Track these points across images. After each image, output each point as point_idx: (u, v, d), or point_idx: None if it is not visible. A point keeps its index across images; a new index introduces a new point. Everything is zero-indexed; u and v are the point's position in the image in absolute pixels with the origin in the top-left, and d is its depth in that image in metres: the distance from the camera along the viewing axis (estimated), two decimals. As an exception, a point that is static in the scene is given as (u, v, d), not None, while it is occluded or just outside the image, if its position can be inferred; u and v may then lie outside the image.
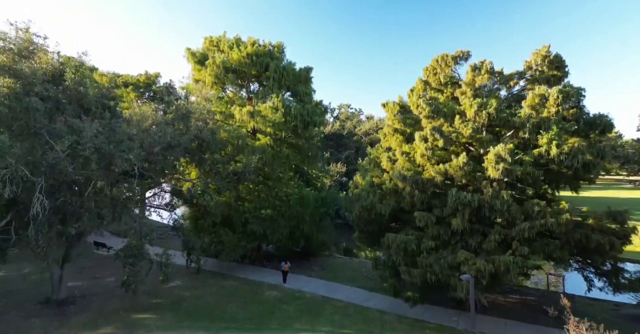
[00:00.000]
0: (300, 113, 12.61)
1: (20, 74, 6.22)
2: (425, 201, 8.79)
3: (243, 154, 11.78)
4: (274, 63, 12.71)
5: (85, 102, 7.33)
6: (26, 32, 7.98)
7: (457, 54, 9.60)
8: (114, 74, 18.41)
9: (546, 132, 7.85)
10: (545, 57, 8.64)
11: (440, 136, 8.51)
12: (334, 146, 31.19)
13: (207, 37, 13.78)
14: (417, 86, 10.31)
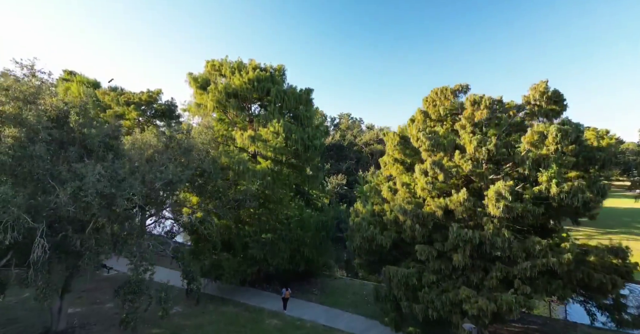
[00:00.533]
0: (301, 137, 12.70)
1: (25, 123, 6.30)
2: (426, 235, 8.78)
3: (244, 179, 11.82)
4: (275, 88, 12.85)
5: (89, 144, 7.39)
6: (31, 70, 8.11)
7: (456, 87, 9.69)
8: (116, 92, 18.59)
9: (546, 169, 7.89)
10: (543, 93, 8.72)
11: (441, 171, 8.54)
12: (335, 156, 31.25)
13: (209, 60, 13.96)
14: (416, 117, 10.38)
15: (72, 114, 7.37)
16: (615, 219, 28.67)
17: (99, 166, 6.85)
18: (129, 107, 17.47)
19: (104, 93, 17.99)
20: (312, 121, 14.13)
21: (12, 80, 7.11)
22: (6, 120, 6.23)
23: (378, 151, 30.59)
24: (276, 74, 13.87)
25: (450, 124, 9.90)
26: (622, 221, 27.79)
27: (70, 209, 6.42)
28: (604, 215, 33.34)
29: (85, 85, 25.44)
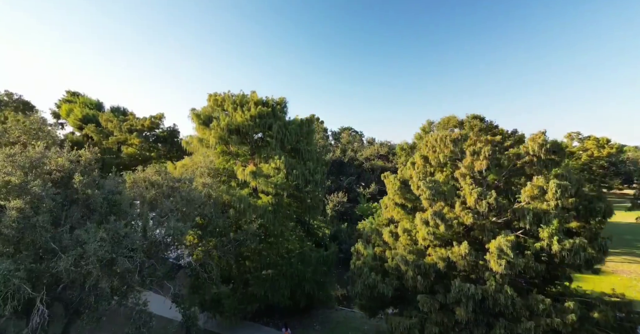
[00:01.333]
0: (302, 172, 12.77)
1: (29, 192, 6.36)
2: (428, 286, 8.74)
3: (245, 217, 11.84)
4: (277, 124, 12.97)
5: (92, 203, 7.45)
6: (37, 121, 8.21)
7: (455, 136, 9.78)
8: (119, 118, 18.75)
9: (547, 225, 7.91)
10: (542, 145, 8.79)
11: (442, 221, 8.56)
12: (336, 172, 31.27)
13: (212, 94, 14.13)
14: (417, 162, 10.44)
15: (76, 175, 7.44)
16: (616, 236, 28.50)
17: (101, 231, 6.88)
18: (131, 134, 17.60)
19: (107, 120, 18.15)
20: (312, 154, 14.21)
21: (17, 146, 7.17)
22: (12, 190, 6.29)
23: (379, 167, 30.64)
24: (277, 108, 14.01)
25: (451, 171, 9.95)
26: (623, 239, 27.63)
27: (70, 276, 6.44)
28: (605, 231, 33.04)
29: (88, 106, 25.78)
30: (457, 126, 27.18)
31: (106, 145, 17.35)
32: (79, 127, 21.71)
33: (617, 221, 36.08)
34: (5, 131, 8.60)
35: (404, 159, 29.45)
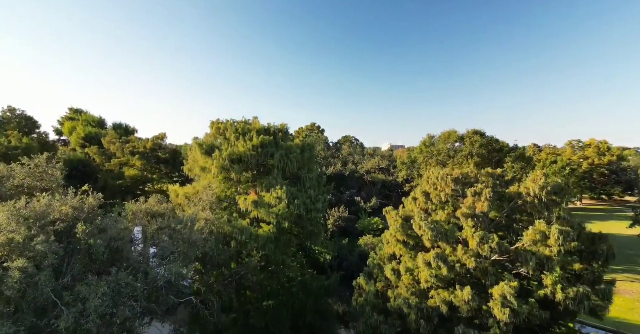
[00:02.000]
0: (303, 202, 12.80)
1: (33, 250, 6.39)
2: (432, 330, 8.72)
3: (246, 248, 11.85)
4: (279, 153, 13.05)
5: (94, 252, 7.47)
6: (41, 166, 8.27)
7: (457, 175, 9.83)
8: (122, 139, 18.84)
9: (550, 272, 7.92)
10: (542, 188, 8.82)
11: (444, 264, 8.57)
12: (336, 186, 31.28)
13: (214, 122, 14.24)
14: (418, 197, 10.48)
15: (80, 224, 7.47)
16: (617, 251, 28.37)
17: (102, 284, 6.88)
18: (133, 156, 17.69)
19: (109, 141, 18.25)
20: (313, 181, 14.26)
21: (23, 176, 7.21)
22: (15, 249, 6.32)
23: (380, 180, 30.65)
24: (279, 136, 14.11)
25: (452, 209, 9.98)
26: (625, 254, 27.45)
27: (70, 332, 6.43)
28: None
29: (90, 124, 25.95)
30: (457, 141, 27.28)
31: (108, 167, 17.43)
32: (81, 145, 21.83)
33: (618, 233, 35.84)
34: (11, 174, 8.65)
35: (404, 173, 29.50)
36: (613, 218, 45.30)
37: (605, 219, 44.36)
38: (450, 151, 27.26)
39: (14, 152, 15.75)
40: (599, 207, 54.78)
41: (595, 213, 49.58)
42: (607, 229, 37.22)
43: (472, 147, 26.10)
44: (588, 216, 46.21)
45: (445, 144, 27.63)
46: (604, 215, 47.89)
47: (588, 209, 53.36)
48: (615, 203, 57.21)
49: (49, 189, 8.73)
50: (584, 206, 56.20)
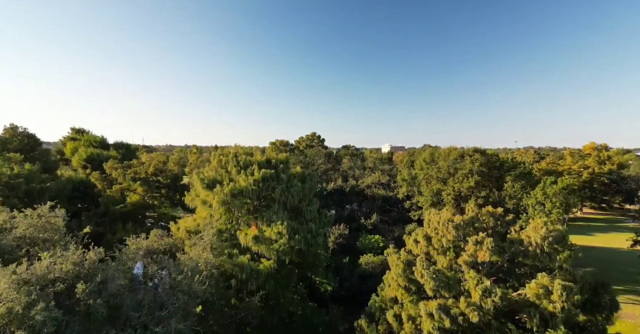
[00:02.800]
0: (304, 237, 12.80)
1: (32, 319, 6.36)
2: (434, 383, 8.66)
3: (247, 286, 11.81)
4: (280, 187, 13.07)
5: (93, 313, 7.43)
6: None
7: (458, 221, 9.84)
8: (124, 164, 18.87)
9: (554, 330, 7.89)
10: (544, 238, 8.83)
11: (447, 316, 8.54)
12: (337, 201, 31.27)
13: (216, 154, 14.28)
14: (420, 241, 10.47)
15: (80, 284, 7.45)
16: (617, 268, 28.25)
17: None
18: (135, 183, 17.71)
19: (111, 167, 18.29)
20: (314, 214, 14.27)
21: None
22: (14, 319, 6.29)
23: (380, 196, 30.63)
24: (281, 167, 14.15)
25: (454, 255, 9.97)
26: (625, 273, 27.31)
27: None
28: (606, 263, 32.49)
29: (92, 144, 26.00)
30: (457, 159, 27.33)
31: (110, 193, 17.45)
32: (83, 166, 21.88)
33: (619, 248, 35.58)
34: (13, 226, 8.65)
35: (405, 190, 29.49)
36: (614, 229, 45.16)
37: (606, 231, 44.23)
38: (450, 169, 27.28)
39: (16, 180, 15.78)
40: (600, 217, 54.70)
41: (596, 224, 49.48)
42: (608, 243, 37.28)
43: (472, 165, 26.13)
44: (589, 227, 46.12)
45: (446, 162, 27.66)
46: (604, 226, 47.78)
47: (589, 219, 53.27)
48: (616, 212, 57.12)
49: (51, 240, 8.70)
50: (585, 215, 56.11)
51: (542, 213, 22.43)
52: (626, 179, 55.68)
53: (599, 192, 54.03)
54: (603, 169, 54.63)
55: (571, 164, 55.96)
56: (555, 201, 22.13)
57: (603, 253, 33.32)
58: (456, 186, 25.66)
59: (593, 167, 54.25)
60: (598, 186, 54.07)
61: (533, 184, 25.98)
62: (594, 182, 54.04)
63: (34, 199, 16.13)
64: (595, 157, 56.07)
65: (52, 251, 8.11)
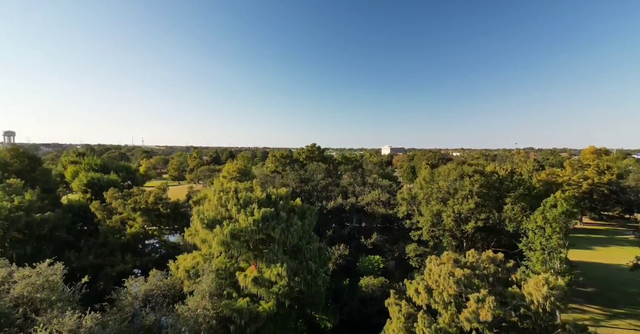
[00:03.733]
0: (304, 278, 12.76)
1: None
2: None
3: (245, 332, 11.74)
4: (280, 227, 13.05)
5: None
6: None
7: (459, 276, 9.82)
8: (124, 193, 18.84)
9: None
10: (546, 297, 8.80)
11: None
12: (337, 219, 31.23)
13: (216, 191, 14.28)
14: (421, 293, 10.43)
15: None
16: (618, 289, 28.13)
17: None
18: (135, 213, 17.68)
19: (111, 196, 18.27)
20: (314, 253, 14.25)
21: None
22: None
23: (380, 214, 30.60)
24: (280, 205, 14.14)
25: (455, 310, 9.92)
26: (627, 293, 27.18)
27: None
28: (608, 283, 32.22)
29: (92, 168, 25.97)
30: (457, 179, 27.34)
31: (110, 223, 17.42)
32: (83, 191, 21.88)
33: (619, 265, 35.17)
34: (11, 286, 8.60)
35: (405, 209, 29.47)
36: (614, 242, 45.07)
37: (607, 244, 44.14)
38: (450, 188, 27.30)
39: (16, 214, 15.75)
40: (600, 228, 54.65)
41: (597, 236, 49.42)
42: (609, 259, 37.07)
43: (472, 186, 26.15)
44: (589, 240, 46.01)
45: (446, 182, 27.69)
46: (605, 238, 47.72)
47: (589, 230, 53.22)
48: (616, 222, 57.07)
49: (48, 300, 8.63)
50: (585, 226, 56.09)
51: (542, 238, 22.38)
52: (626, 190, 55.69)
53: (598, 203, 54.03)
54: (602, 180, 54.70)
55: (571, 174, 56.02)
56: (555, 226, 22.10)
57: (604, 271, 33.19)
58: (456, 208, 25.66)
59: (592, 177, 54.33)
60: (598, 196, 54.09)
61: (533, 205, 26.02)
62: (594, 193, 54.08)
63: (33, 231, 16.07)
64: (595, 168, 56.19)
65: (50, 314, 8.06)
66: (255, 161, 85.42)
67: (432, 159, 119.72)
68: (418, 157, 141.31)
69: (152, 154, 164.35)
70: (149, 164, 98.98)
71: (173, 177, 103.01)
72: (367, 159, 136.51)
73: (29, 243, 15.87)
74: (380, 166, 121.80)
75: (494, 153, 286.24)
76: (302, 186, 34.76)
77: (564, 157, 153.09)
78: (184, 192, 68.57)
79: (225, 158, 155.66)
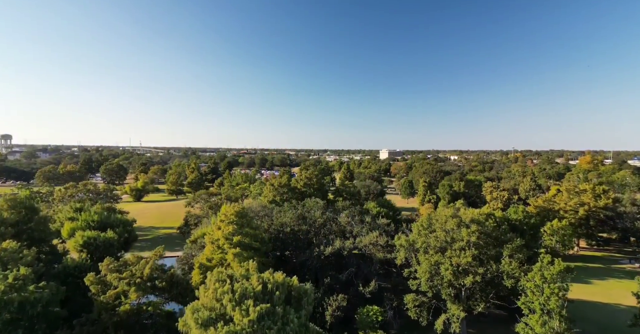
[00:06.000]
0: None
1: None
2: None
3: None
4: (275, 328, 12.96)
5: None
6: None
7: None
8: (120, 263, 18.67)
9: None
10: None
11: None
12: (335, 267, 31.13)
13: (212, 282, 14.19)
14: None
15: None
16: (619, 336, 28.01)
17: None
18: (130, 287, 17.50)
19: (107, 268, 18.10)
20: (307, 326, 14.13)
21: None
22: None
23: (378, 259, 30.54)
24: (276, 296, 14.06)
25: None
26: None
27: None
28: (607, 330, 31.78)
29: (89, 224, 25.76)
30: (454, 228, 27.46)
31: (103, 299, 17.21)
32: (79, 250, 21.66)
33: (618, 304, 35.13)
34: None
35: (403, 255, 29.46)
36: (612, 274, 45.14)
37: (604, 276, 44.21)
38: (447, 237, 27.39)
39: (10, 296, 15.53)
40: (597, 255, 54.88)
41: (593, 265, 49.56)
42: (608, 296, 36.93)
43: (469, 237, 26.26)
44: (586, 271, 46.09)
45: (443, 231, 27.78)
46: (602, 268, 47.85)
47: (585, 257, 53.42)
48: (612, 247, 57.34)
49: None
50: (582, 251, 56.34)
51: (541, 297, 22.49)
52: (622, 215, 56.11)
53: (595, 229, 54.33)
54: (599, 204, 55.15)
55: (567, 199, 56.42)
56: (553, 287, 22.25)
57: (603, 313, 33.11)
58: (454, 260, 25.70)
59: (589, 203, 54.74)
60: (594, 222, 54.44)
61: (533, 261, 26.16)
62: (590, 219, 54.45)
63: (27, 311, 15.84)
64: (591, 192, 56.66)
65: None
66: (254, 179, 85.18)
67: (430, 173, 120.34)
68: (416, 168, 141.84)
69: (149, 164, 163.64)
70: (147, 178, 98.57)
71: (171, 191, 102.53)
72: (364, 172, 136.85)
73: (21, 324, 15.65)
74: (378, 180, 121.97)
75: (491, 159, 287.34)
76: (300, 225, 34.70)
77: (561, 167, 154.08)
78: (181, 209, 68.04)
79: (223, 168, 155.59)
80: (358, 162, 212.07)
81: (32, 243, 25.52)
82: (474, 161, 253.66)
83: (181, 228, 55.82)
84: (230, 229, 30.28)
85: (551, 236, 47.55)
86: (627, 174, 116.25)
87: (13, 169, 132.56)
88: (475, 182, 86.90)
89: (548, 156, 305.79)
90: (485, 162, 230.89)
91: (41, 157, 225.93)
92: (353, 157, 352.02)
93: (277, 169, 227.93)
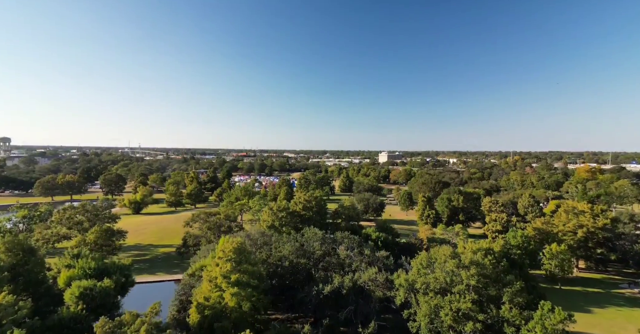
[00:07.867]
0: None
1: None
2: None
3: None
4: None
5: None
6: None
7: None
8: (115, 323, 18.46)
9: None
10: None
11: None
12: (334, 303, 30.93)
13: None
14: None
15: None
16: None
17: None
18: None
19: (101, 328, 17.86)
20: None
21: None
22: None
23: (378, 298, 30.37)
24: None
25: None
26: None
27: None
28: None
29: (86, 272, 25.53)
30: (453, 270, 27.40)
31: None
32: (75, 303, 21.45)
33: None
34: None
35: (403, 295, 29.32)
36: (611, 301, 44.91)
37: (604, 303, 43.98)
38: (447, 278, 27.31)
39: None
40: (596, 277, 54.80)
41: (592, 289, 49.44)
42: (608, 329, 36.66)
43: (468, 280, 26.20)
44: (585, 296, 46.00)
45: (442, 272, 27.72)
46: (601, 293, 47.73)
47: (584, 280, 53.30)
48: (611, 268, 57.31)
49: None
50: (581, 274, 56.26)
51: (541, 350, 22.37)
52: (620, 236, 56.21)
53: (593, 251, 54.34)
54: (597, 224, 55.25)
55: (566, 221, 56.50)
56: (554, 339, 22.14)
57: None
58: (454, 306, 25.60)
59: (587, 224, 54.85)
60: (593, 244, 54.49)
61: (533, 306, 26.08)
62: (589, 241, 54.50)
63: None
64: (590, 213, 56.80)
65: None
66: (253, 193, 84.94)
67: (429, 183, 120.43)
68: (415, 178, 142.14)
69: (148, 173, 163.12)
70: (146, 191, 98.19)
71: (170, 203, 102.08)
72: (363, 181, 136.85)
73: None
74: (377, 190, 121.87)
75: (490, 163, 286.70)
76: (300, 258, 34.57)
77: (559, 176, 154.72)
78: (180, 224, 67.59)
79: (222, 176, 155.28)
80: (357, 168, 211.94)
81: (28, 286, 25.27)
82: (472, 166, 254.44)
83: (179, 249, 55.51)
84: (228, 266, 30.08)
85: (550, 260, 47.62)
86: (626, 183, 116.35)
87: (12, 179, 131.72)
88: (474, 195, 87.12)
89: (547, 160, 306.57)
90: (484, 168, 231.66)
91: (40, 163, 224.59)
92: (352, 161, 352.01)
93: (277, 173, 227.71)
